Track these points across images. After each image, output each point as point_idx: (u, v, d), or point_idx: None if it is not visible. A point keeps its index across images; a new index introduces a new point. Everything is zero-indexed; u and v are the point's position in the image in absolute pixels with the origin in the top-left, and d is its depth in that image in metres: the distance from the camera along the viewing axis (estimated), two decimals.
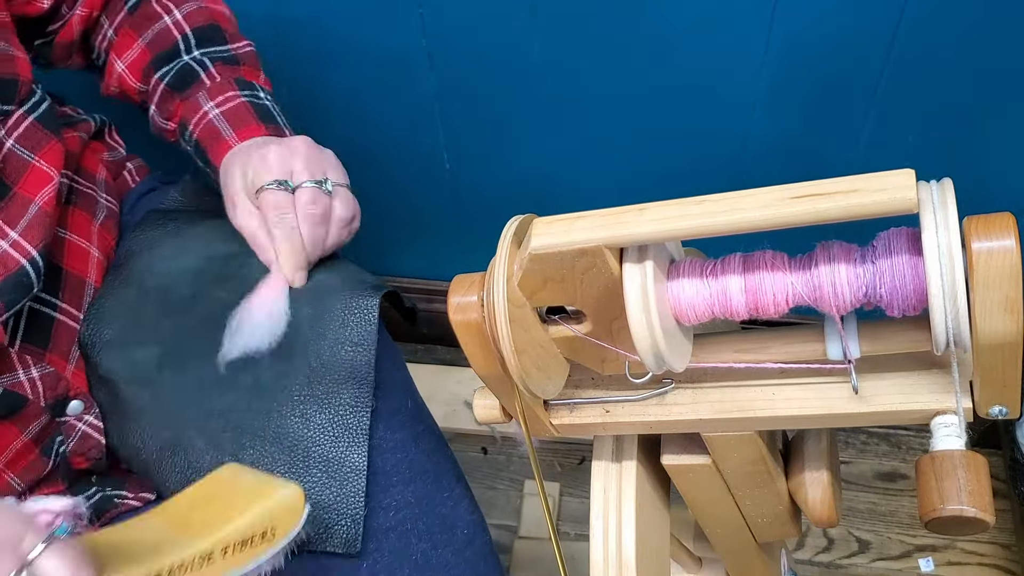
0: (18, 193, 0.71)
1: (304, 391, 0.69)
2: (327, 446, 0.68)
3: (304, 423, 0.68)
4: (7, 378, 0.68)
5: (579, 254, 0.48)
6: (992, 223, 0.42)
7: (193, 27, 0.82)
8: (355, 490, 0.67)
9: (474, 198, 1.31)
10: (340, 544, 0.66)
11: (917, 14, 0.96)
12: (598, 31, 1.05)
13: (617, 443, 0.65)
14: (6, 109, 0.71)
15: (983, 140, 1.08)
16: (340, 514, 0.66)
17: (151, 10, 0.82)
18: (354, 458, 0.68)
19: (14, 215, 0.70)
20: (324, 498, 0.67)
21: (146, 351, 0.72)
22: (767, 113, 1.09)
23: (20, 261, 0.68)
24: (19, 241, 0.69)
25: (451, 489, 0.74)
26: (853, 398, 0.52)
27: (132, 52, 0.82)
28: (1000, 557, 1.26)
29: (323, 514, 0.66)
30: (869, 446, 1.38)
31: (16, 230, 0.69)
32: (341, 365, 0.69)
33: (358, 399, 0.69)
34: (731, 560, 0.76)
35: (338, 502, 0.67)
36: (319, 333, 0.70)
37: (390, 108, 1.19)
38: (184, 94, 0.80)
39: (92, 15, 0.82)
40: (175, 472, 0.70)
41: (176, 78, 0.80)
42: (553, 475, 1.38)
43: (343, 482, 0.67)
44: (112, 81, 0.84)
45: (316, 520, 0.66)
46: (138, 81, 0.83)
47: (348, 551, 0.66)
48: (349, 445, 0.68)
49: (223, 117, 0.78)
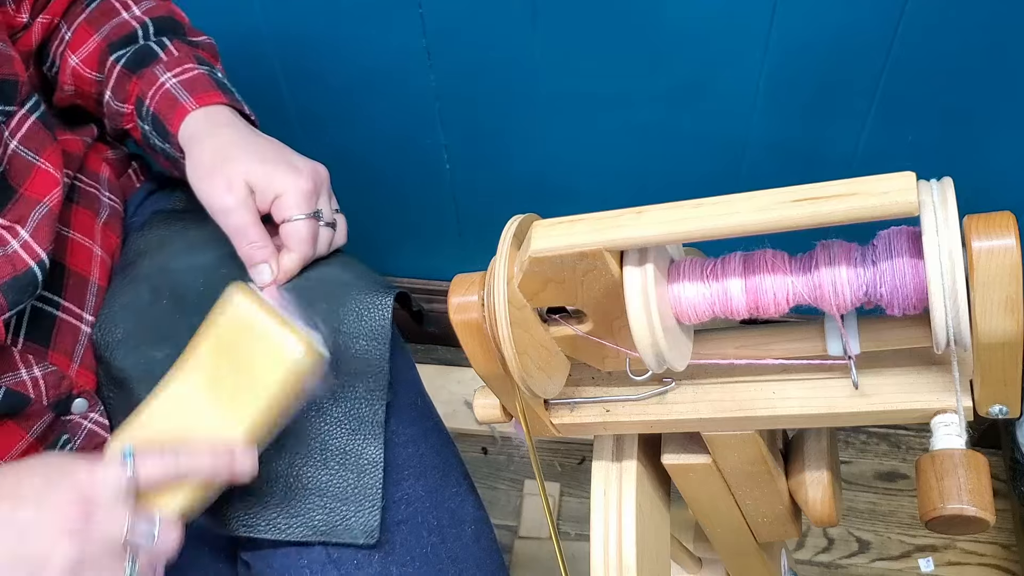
0: (24, 194, 0.71)
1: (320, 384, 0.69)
2: (344, 439, 0.68)
3: (320, 415, 0.69)
4: (9, 377, 0.68)
5: (579, 257, 0.48)
6: (992, 222, 0.42)
7: (152, 17, 0.81)
8: (373, 482, 0.67)
9: (474, 198, 1.31)
10: (360, 535, 0.66)
11: (917, 14, 0.96)
12: (598, 31, 1.05)
13: (617, 443, 0.65)
14: (9, 110, 0.71)
15: (983, 140, 1.08)
16: (359, 505, 0.67)
17: (109, 6, 0.81)
18: (370, 450, 0.68)
19: (22, 215, 0.70)
20: (342, 490, 0.67)
21: (159, 350, 0.73)
22: (767, 113, 1.10)
23: (29, 263, 0.69)
24: (29, 242, 0.69)
25: (458, 485, 0.75)
26: (853, 397, 0.52)
27: (88, 46, 0.80)
28: (1000, 557, 1.26)
29: (341, 506, 0.67)
30: (869, 446, 1.38)
31: (26, 230, 0.69)
32: (356, 358, 0.70)
33: (373, 392, 0.70)
34: (731, 560, 0.76)
35: (356, 494, 0.67)
36: (334, 327, 0.70)
37: (390, 108, 1.19)
38: (140, 72, 0.78)
39: (53, 22, 0.81)
40: None
41: (134, 58, 0.78)
42: (553, 475, 1.38)
43: (360, 474, 0.68)
44: (65, 79, 0.82)
45: (334, 511, 0.66)
46: (93, 71, 0.80)
47: (367, 542, 0.66)
48: (365, 438, 0.69)
49: (180, 85, 0.75)
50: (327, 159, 1.33)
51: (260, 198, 0.71)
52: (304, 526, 0.66)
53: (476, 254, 1.38)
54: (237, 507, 0.67)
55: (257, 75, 1.17)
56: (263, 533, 0.67)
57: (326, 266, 0.74)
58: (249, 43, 1.13)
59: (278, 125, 1.23)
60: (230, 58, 0.86)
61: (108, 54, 0.80)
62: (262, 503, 0.67)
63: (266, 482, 0.67)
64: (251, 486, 0.66)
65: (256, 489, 0.67)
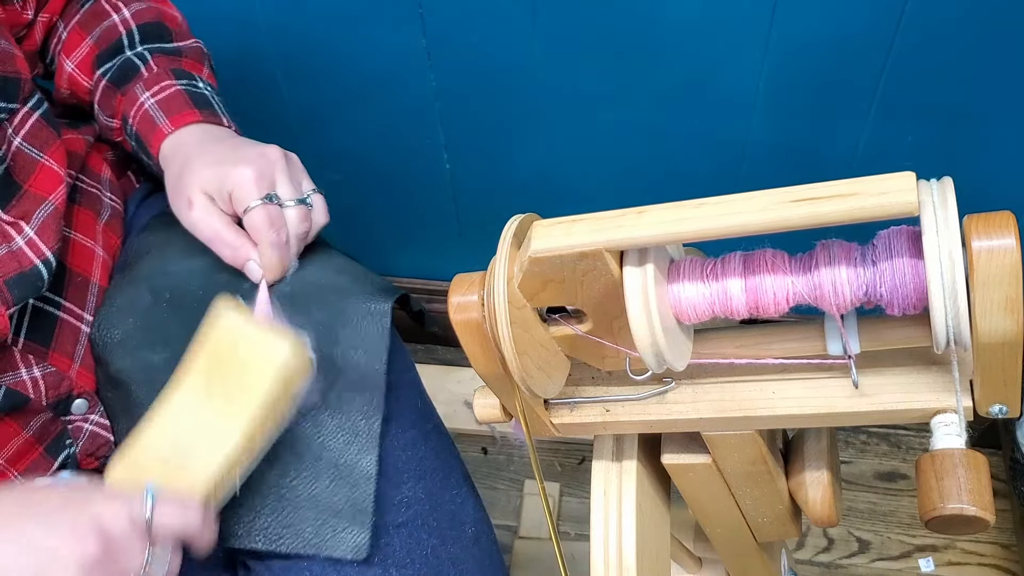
0: (29, 191, 0.71)
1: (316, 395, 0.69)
2: (338, 451, 0.68)
3: (316, 427, 0.68)
4: (9, 376, 0.68)
5: (579, 257, 0.48)
6: (992, 222, 0.42)
7: (139, 23, 0.81)
8: (364, 496, 0.67)
9: (474, 198, 1.31)
10: (348, 550, 0.66)
11: (917, 14, 0.96)
12: (598, 31, 1.05)
13: (617, 443, 0.65)
14: (11, 107, 0.71)
15: (983, 140, 1.08)
16: (351, 519, 0.66)
17: (100, 7, 0.82)
18: (364, 464, 0.67)
19: (27, 211, 0.70)
20: (334, 503, 0.66)
21: (157, 353, 0.72)
22: (767, 113, 1.10)
23: (35, 262, 0.69)
24: (35, 240, 0.69)
25: (459, 487, 0.74)
26: (853, 396, 0.52)
27: (81, 50, 0.81)
28: (1000, 557, 1.26)
29: (332, 519, 0.66)
30: (869, 446, 1.38)
31: (31, 226, 0.70)
32: (354, 370, 0.69)
33: (370, 404, 0.69)
34: (731, 560, 0.76)
35: (348, 507, 0.67)
36: (331, 339, 0.70)
37: (390, 108, 1.19)
38: (123, 89, 0.79)
39: (52, 20, 0.82)
40: None
41: (117, 73, 0.79)
42: (553, 475, 1.38)
43: (353, 487, 0.67)
44: (62, 83, 0.83)
45: (325, 524, 0.66)
46: (87, 77, 0.82)
47: (355, 557, 0.66)
48: (360, 451, 0.68)
49: (157, 106, 0.76)
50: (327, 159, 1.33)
51: (220, 201, 0.71)
52: (295, 537, 0.66)
53: (476, 254, 1.37)
54: (230, 517, 0.66)
55: (257, 75, 1.17)
56: (254, 544, 0.66)
57: (323, 270, 0.74)
58: (249, 43, 1.13)
59: (278, 125, 1.23)
60: (230, 58, 0.86)
61: (96, 67, 0.81)
62: (255, 512, 0.66)
63: (259, 492, 0.67)
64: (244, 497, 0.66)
65: (249, 499, 0.66)
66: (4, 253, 0.68)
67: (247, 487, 0.66)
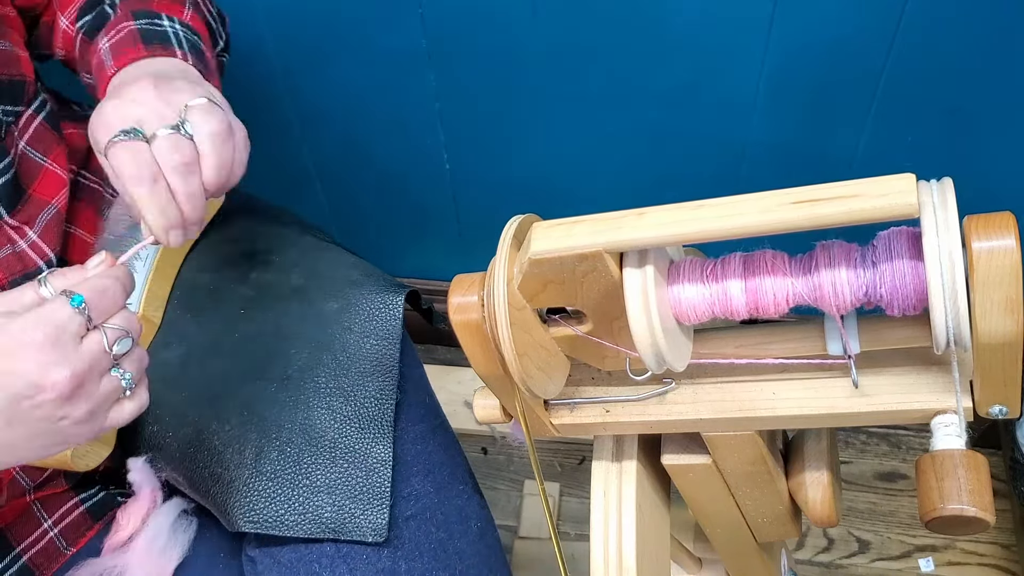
0: (33, 195, 0.71)
1: (330, 383, 0.70)
2: (353, 437, 0.69)
3: (330, 415, 0.69)
4: None
5: (579, 259, 0.48)
6: (992, 222, 0.42)
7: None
8: (382, 480, 0.68)
9: (474, 198, 1.31)
10: (369, 532, 0.67)
11: (917, 14, 0.96)
12: (598, 32, 1.05)
13: (617, 443, 0.65)
14: (17, 110, 0.71)
15: (983, 140, 1.08)
16: (368, 503, 0.67)
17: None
18: (380, 450, 0.69)
19: (31, 216, 0.70)
20: (351, 488, 0.68)
21: (171, 351, 0.73)
22: (767, 114, 1.09)
23: (38, 262, 0.69)
24: (37, 242, 0.70)
25: (464, 483, 0.75)
26: (853, 397, 0.52)
27: (72, 8, 0.77)
28: (1000, 557, 1.26)
29: (350, 503, 0.67)
30: (869, 446, 1.38)
31: (35, 230, 0.70)
32: (367, 358, 0.70)
33: (383, 391, 0.70)
34: (731, 560, 0.76)
35: (365, 492, 0.68)
36: (345, 327, 0.71)
37: (390, 108, 1.19)
38: (93, 40, 0.74)
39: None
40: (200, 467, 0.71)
41: (91, 24, 0.75)
42: (553, 475, 1.38)
43: (369, 472, 0.68)
44: (58, 42, 0.78)
45: (343, 509, 0.67)
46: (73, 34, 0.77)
47: (376, 539, 0.67)
48: (375, 437, 0.69)
49: (109, 49, 0.70)
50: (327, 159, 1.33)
51: None
52: (314, 523, 0.67)
53: (476, 254, 1.37)
54: (244, 504, 0.67)
55: (257, 75, 1.17)
56: (271, 530, 0.67)
57: (336, 264, 0.74)
58: (249, 43, 1.13)
59: (278, 125, 1.23)
60: (230, 58, 0.86)
61: (77, 20, 0.76)
62: (270, 500, 0.67)
63: (274, 480, 0.67)
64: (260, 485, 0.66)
65: (263, 487, 0.67)
66: (8, 255, 0.68)
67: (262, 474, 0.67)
